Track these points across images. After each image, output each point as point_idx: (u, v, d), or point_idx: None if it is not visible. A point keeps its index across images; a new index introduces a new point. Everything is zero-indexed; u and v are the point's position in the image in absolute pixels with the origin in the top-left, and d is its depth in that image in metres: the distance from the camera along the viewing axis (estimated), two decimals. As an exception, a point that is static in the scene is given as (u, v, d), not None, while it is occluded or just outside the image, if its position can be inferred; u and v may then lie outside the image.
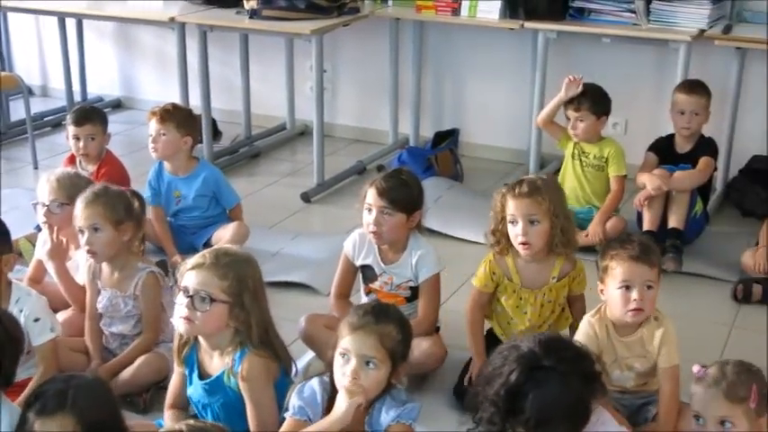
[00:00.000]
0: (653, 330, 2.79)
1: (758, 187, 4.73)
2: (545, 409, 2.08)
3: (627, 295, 2.72)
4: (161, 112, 4.07)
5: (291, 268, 3.97)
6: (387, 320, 2.34)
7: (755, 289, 3.86)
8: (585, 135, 4.27)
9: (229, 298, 2.55)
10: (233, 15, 5.02)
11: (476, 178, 5.26)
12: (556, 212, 3.05)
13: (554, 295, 3.16)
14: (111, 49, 6.57)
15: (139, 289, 3.13)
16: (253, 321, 2.58)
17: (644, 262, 2.71)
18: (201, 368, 2.69)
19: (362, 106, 5.95)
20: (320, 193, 5.00)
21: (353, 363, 2.30)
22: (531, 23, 4.79)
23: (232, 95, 5.91)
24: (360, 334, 2.31)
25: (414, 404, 2.37)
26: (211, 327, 2.58)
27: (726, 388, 2.19)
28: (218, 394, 2.65)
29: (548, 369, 2.11)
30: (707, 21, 4.57)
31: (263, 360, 2.58)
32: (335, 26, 4.89)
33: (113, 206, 3.12)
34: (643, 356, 2.83)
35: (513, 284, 3.17)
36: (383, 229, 3.13)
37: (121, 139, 5.71)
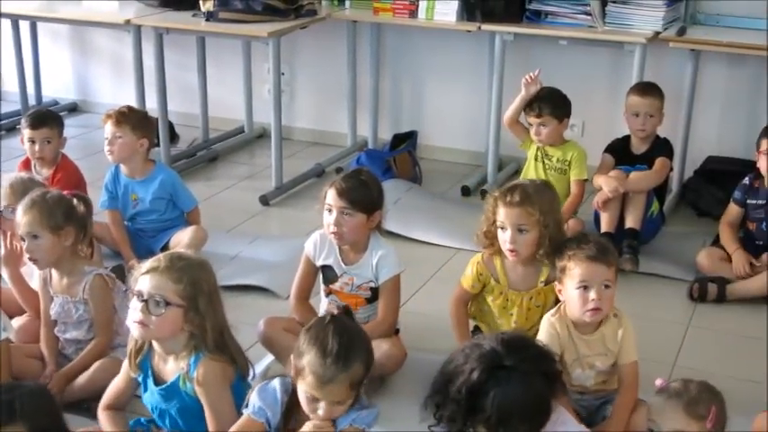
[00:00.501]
0: (614, 328, 2.82)
1: (713, 188, 4.78)
2: (506, 407, 2.09)
3: (585, 295, 2.74)
4: (116, 115, 4.03)
5: (250, 271, 3.95)
6: (353, 362, 2.33)
7: (711, 288, 3.89)
8: (549, 139, 4.29)
9: (184, 302, 2.53)
10: (189, 18, 4.99)
11: (434, 180, 5.27)
12: (545, 222, 3.06)
13: (542, 299, 3.17)
14: (67, 52, 6.50)
15: (87, 292, 3.10)
16: (208, 325, 2.56)
17: (601, 262, 2.73)
18: (156, 373, 2.66)
19: (321, 109, 5.94)
20: (279, 196, 4.98)
21: (324, 407, 2.33)
22: (488, 26, 4.81)
23: (189, 98, 5.87)
24: (330, 387, 2.32)
25: (371, 410, 2.38)
26: (166, 331, 2.56)
27: (686, 402, 2.20)
28: (174, 399, 2.63)
29: (509, 368, 2.13)
30: (662, 23, 4.61)
31: (219, 364, 2.57)
32: (293, 28, 4.88)
33: (50, 212, 3.08)
34: (604, 354, 2.85)
35: (500, 286, 3.20)
36: (344, 229, 3.13)
37: (77, 142, 5.65)
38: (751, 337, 3.63)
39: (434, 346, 3.21)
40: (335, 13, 5.21)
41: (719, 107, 5.04)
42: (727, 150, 5.02)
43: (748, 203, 4.01)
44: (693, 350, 3.53)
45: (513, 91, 4.47)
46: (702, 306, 3.87)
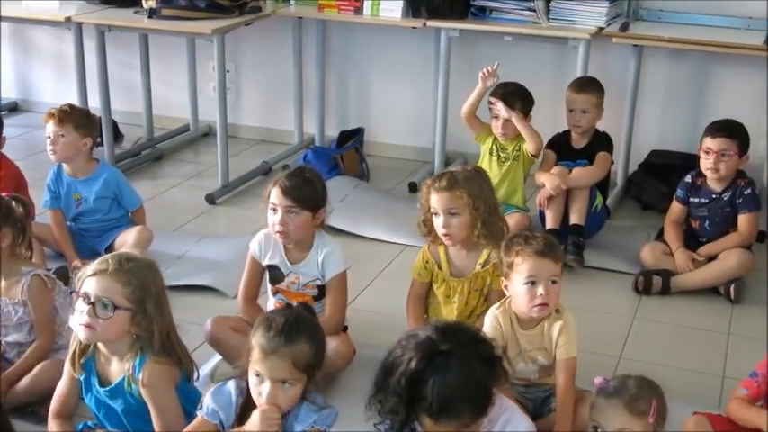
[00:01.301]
0: (553, 323, 2.83)
1: (657, 181, 4.84)
2: (446, 393, 2.09)
3: (533, 290, 2.75)
4: (59, 114, 3.97)
5: (197, 271, 3.92)
6: (298, 339, 2.31)
7: (655, 281, 3.94)
8: (512, 133, 4.31)
9: (132, 305, 2.51)
10: (131, 15, 4.93)
11: (381, 177, 5.28)
12: (476, 205, 3.09)
13: (480, 283, 3.19)
14: (7, 51, 6.37)
15: (26, 293, 3.05)
16: (155, 328, 2.54)
17: (549, 257, 2.75)
18: (101, 374, 2.63)
19: (267, 106, 5.92)
20: (225, 195, 4.95)
21: (268, 386, 2.29)
22: (433, 22, 4.81)
23: (133, 97, 5.81)
24: (273, 359, 2.28)
25: (331, 410, 2.37)
26: (113, 334, 2.53)
27: (627, 400, 2.21)
28: (119, 401, 2.60)
29: (446, 354, 2.12)
30: (605, 19, 4.65)
31: (164, 366, 2.55)
32: (237, 25, 4.85)
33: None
34: (545, 349, 2.86)
35: (443, 273, 3.22)
36: (289, 228, 3.12)
37: (18, 142, 5.58)
38: (695, 328, 3.69)
39: (383, 343, 3.11)
40: (280, 10, 5.18)
41: (662, 101, 5.10)
42: (669, 144, 5.08)
43: (691, 201, 4.06)
44: (639, 342, 3.57)
45: (459, 87, 4.49)
46: (647, 299, 3.92)
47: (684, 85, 5.05)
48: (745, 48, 4.48)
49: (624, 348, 3.51)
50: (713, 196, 4.01)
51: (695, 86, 5.03)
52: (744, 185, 3.98)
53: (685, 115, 5.06)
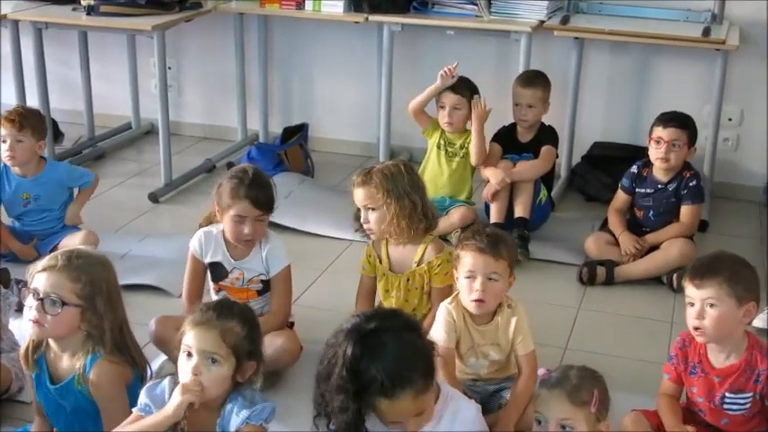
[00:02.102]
0: (507, 319, 2.84)
1: (600, 173, 4.89)
2: (393, 366, 2.13)
3: (471, 285, 2.77)
4: (19, 119, 3.92)
5: (141, 270, 3.88)
6: (229, 316, 2.29)
7: (599, 271, 3.98)
8: (459, 124, 4.33)
9: (81, 301, 2.48)
10: (69, 12, 4.85)
11: (327, 173, 5.27)
12: (388, 200, 3.12)
13: (419, 281, 3.20)
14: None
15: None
16: (106, 326, 2.52)
17: (489, 254, 2.75)
18: (52, 371, 2.60)
19: (210, 103, 5.87)
20: (168, 193, 4.91)
21: (195, 359, 2.25)
22: (375, 16, 4.81)
23: (73, 95, 5.74)
24: (201, 329, 2.26)
25: (266, 404, 2.32)
26: (62, 330, 2.51)
27: (569, 391, 2.22)
28: (69, 399, 2.56)
29: (376, 331, 2.16)
30: (546, 12, 4.69)
31: (116, 366, 2.52)
32: (178, 21, 4.80)
33: None
34: (497, 344, 2.87)
35: (382, 267, 3.24)
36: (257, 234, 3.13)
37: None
38: (639, 318, 3.74)
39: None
40: (221, 6, 5.14)
41: (604, 94, 5.15)
42: (612, 136, 5.14)
43: (636, 191, 4.11)
44: (584, 332, 3.61)
45: (402, 81, 4.49)
46: (592, 289, 3.96)
47: (625, 77, 5.10)
48: (684, 39, 4.54)
49: (570, 339, 3.54)
50: (659, 186, 4.06)
51: (636, 78, 5.08)
52: (690, 177, 4.03)
53: (627, 107, 5.12)
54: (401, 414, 2.19)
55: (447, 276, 3.14)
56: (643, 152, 4.17)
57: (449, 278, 3.13)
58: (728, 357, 2.63)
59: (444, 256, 3.17)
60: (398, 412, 2.18)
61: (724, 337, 2.60)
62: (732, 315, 2.56)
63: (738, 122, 5.00)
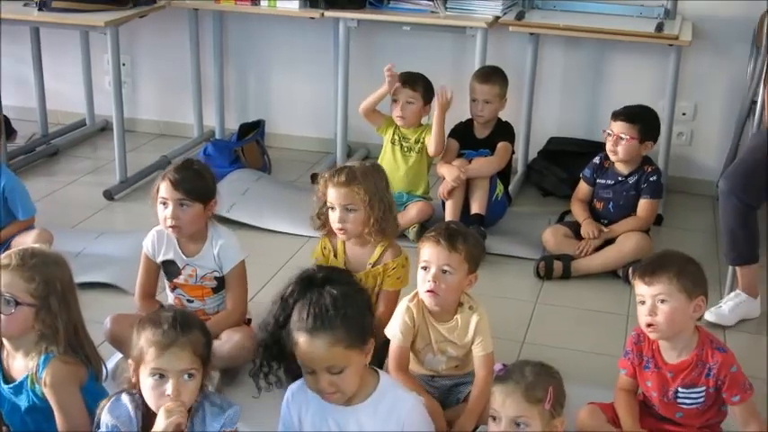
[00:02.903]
0: (467, 318, 2.84)
1: (556, 168, 4.92)
2: (322, 303, 2.29)
3: (425, 276, 2.78)
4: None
5: (96, 268, 3.85)
6: (192, 328, 2.28)
7: (556, 265, 4.01)
8: (412, 119, 4.34)
9: (35, 301, 2.46)
10: (20, 7, 4.79)
11: (284, 169, 5.26)
12: (371, 202, 3.10)
13: (372, 282, 3.18)
14: None
15: None
16: (60, 325, 2.49)
17: (443, 246, 2.75)
18: (5, 371, 2.58)
19: (165, 99, 5.84)
20: (124, 191, 4.87)
21: (172, 381, 2.22)
22: (331, 12, 4.81)
23: (26, 92, 5.67)
24: (173, 350, 2.22)
25: (234, 408, 2.32)
26: (15, 330, 2.49)
27: (524, 388, 2.22)
28: (23, 398, 2.54)
29: (323, 278, 2.45)
30: (501, 7, 4.71)
31: (69, 366, 2.50)
32: (131, 17, 4.75)
33: None
34: (454, 342, 2.87)
35: (337, 262, 3.22)
36: (182, 221, 3.10)
37: None
38: (595, 311, 3.77)
39: (287, 336, 3.20)
40: (175, 2, 5.10)
41: (559, 89, 5.19)
42: (568, 131, 5.17)
43: (597, 182, 4.15)
44: (541, 326, 3.63)
45: (359, 77, 4.49)
46: (549, 283, 3.99)
47: (581, 72, 5.14)
48: (637, 35, 4.58)
49: (527, 333, 3.56)
50: (619, 179, 4.10)
51: (591, 74, 5.12)
52: (650, 172, 4.08)
53: (582, 102, 5.16)
54: (314, 359, 2.25)
55: (398, 281, 3.15)
56: (598, 146, 4.21)
57: (399, 283, 3.15)
58: (680, 354, 2.66)
59: (400, 261, 3.16)
60: (312, 356, 2.25)
61: (676, 334, 2.63)
62: (683, 310, 2.59)
63: (692, 117, 5.05)
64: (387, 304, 3.13)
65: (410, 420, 2.29)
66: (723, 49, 4.87)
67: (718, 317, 3.61)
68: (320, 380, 2.26)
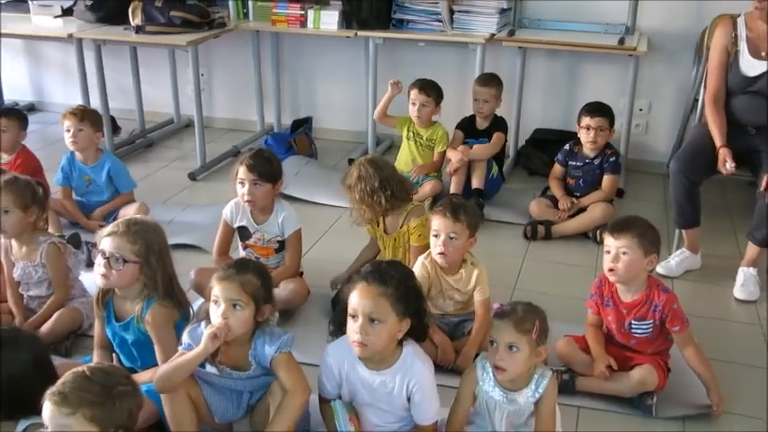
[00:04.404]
0: (470, 272, 2.87)
1: (540, 152, 4.90)
2: (379, 265, 2.22)
3: (436, 242, 2.80)
4: (79, 113, 3.90)
5: (183, 233, 3.88)
6: (246, 271, 2.28)
7: (540, 229, 4.01)
8: (426, 118, 4.30)
9: (138, 259, 2.49)
10: (122, 31, 4.81)
11: (327, 155, 5.26)
12: (382, 183, 3.09)
13: (402, 241, 3.19)
14: (23, 62, 6.22)
15: (44, 257, 3.01)
16: (158, 277, 2.53)
17: (449, 217, 2.77)
18: (117, 313, 2.62)
19: (234, 101, 5.84)
20: (203, 173, 4.89)
21: (223, 306, 2.24)
22: (362, 32, 4.79)
23: (127, 97, 5.70)
24: (225, 283, 2.25)
25: (287, 335, 2.32)
26: (124, 282, 2.53)
27: (515, 321, 2.22)
28: (130, 334, 2.59)
29: (384, 262, 2.32)
30: (496, 27, 4.67)
31: (166, 309, 2.53)
32: (207, 38, 4.76)
33: (21, 193, 2.97)
34: (459, 290, 2.90)
35: (378, 230, 3.25)
36: (255, 197, 3.12)
37: (36, 136, 5.43)
38: (570, 265, 3.77)
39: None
40: (241, 25, 5.10)
41: (542, 90, 5.15)
42: (549, 123, 5.15)
43: (569, 164, 4.13)
44: (528, 276, 3.64)
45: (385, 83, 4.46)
46: (534, 243, 3.99)
47: (559, 77, 5.10)
48: (604, 47, 4.54)
49: (517, 281, 3.58)
50: (586, 161, 4.08)
51: (567, 78, 5.09)
52: (610, 154, 4.06)
53: (560, 101, 5.13)
54: (362, 303, 2.14)
55: (420, 238, 3.15)
56: (573, 135, 4.19)
57: (422, 239, 3.15)
58: (633, 294, 2.67)
59: (420, 221, 3.16)
60: (362, 300, 2.14)
61: (631, 279, 2.64)
62: (639, 262, 2.60)
63: (647, 112, 5.01)
64: (415, 256, 3.15)
65: (421, 386, 2.24)
66: (672, 58, 4.82)
67: (668, 269, 3.61)
68: (359, 324, 2.14)
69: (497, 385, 2.28)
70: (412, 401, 2.26)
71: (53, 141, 5.15)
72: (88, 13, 5.07)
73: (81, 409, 1.79)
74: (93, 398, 1.80)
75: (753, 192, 3.47)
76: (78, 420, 1.78)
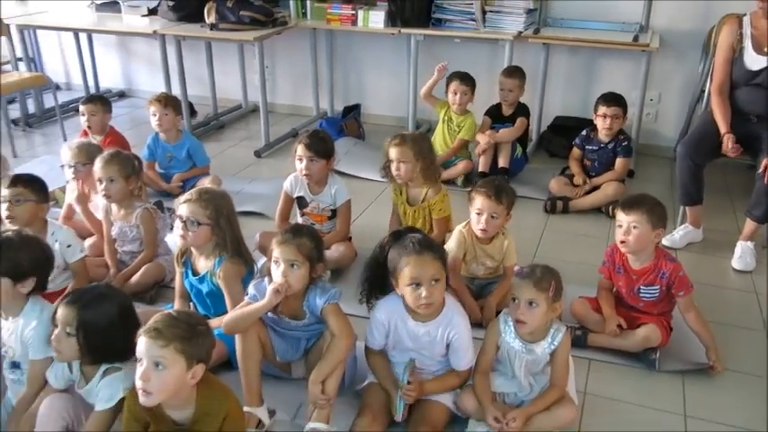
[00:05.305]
0: (501, 242, 2.86)
1: (560, 137, 4.82)
2: (419, 237, 2.21)
3: (479, 219, 2.77)
4: (163, 99, 3.97)
5: (249, 201, 3.92)
6: (301, 235, 2.28)
7: (559, 204, 3.96)
8: (462, 106, 4.26)
9: (210, 222, 2.52)
10: (198, 28, 4.83)
11: (373, 137, 5.22)
12: (416, 157, 3.09)
13: (423, 213, 3.19)
14: (116, 54, 6.30)
15: (138, 220, 3.07)
16: (227, 238, 2.55)
17: (493, 199, 2.75)
18: (193, 268, 2.66)
19: (294, 90, 5.84)
20: (267, 151, 4.92)
21: (282, 266, 2.26)
22: (405, 30, 4.74)
23: (203, 85, 5.74)
24: (283, 246, 2.26)
25: (335, 289, 2.34)
26: (199, 241, 2.56)
27: (535, 280, 2.20)
28: (204, 287, 2.63)
29: (407, 231, 2.31)
30: (523, 25, 4.59)
31: (235, 265, 2.56)
32: (271, 34, 4.76)
33: (124, 165, 3.04)
34: (492, 257, 2.89)
35: (402, 199, 3.23)
36: (312, 171, 3.12)
37: (125, 118, 5.54)
38: (585, 236, 3.72)
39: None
40: (301, 23, 5.09)
41: (563, 82, 5.06)
42: (568, 111, 5.06)
43: (586, 148, 4.05)
44: (548, 244, 3.61)
45: (424, 75, 4.43)
46: (553, 216, 3.94)
47: (578, 70, 5.00)
48: (619, 44, 4.42)
49: (537, 249, 3.55)
50: (601, 145, 4.00)
51: (586, 71, 4.98)
52: (623, 139, 3.98)
53: (579, 91, 5.03)
54: (424, 271, 2.12)
55: (441, 211, 3.14)
56: (590, 122, 4.11)
57: (442, 212, 3.15)
58: (642, 263, 2.63)
59: (439, 197, 3.15)
60: (423, 269, 2.12)
61: (640, 250, 2.60)
62: (647, 235, 2.55)
63: (657, 102, 4.89)
64: (438, 227, 3.15)
65: (459, 336, 2.25)
66: (681, 54, 4.69)
67: (672, 242, 3.55)
68: (424, 290, 2.12)
69: (517, 337, 2.27)
70: (451, 349, 2.27)
71: (139, 123, 5.23)
72: (170, 12, 5.11)
73: (173, 342, 1.82)
74: (181, 333, 1.84)
75: (751, 174, 3.38)
76: (170, 352, 1.82)
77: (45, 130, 5.44)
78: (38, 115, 5.65)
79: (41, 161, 4.60)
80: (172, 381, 1.83)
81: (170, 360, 1.82)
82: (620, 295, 2.73)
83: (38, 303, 2.19)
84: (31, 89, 5.48)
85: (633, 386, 2.55)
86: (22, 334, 2.16)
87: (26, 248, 2.16)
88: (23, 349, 2.16)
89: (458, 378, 2.31)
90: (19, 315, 2.17)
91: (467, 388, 2.32)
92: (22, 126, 5.45)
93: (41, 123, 5.57)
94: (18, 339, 2.16)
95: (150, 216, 3.09)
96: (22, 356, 2.17)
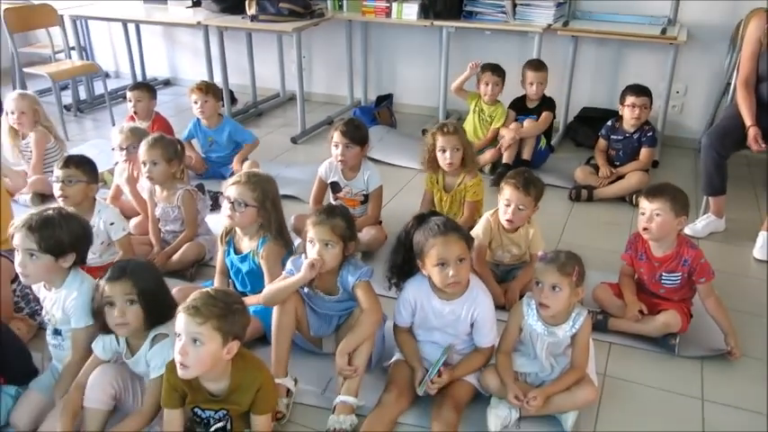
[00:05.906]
0: (527, 230, 2.84)
1: (586, 127, 4.75)
2: (443, 219, 2.21)
3: (506, 209, 2.76)
4: (204, 87, 3.99)
5: (286, 185, 3.89)
6: (334, 216, 2.30)
7: (583, 192, 3.92)
8: (493, 96, 4.22)
9: (257, 204, 2.54)
10: (240, 19, 4.85)
11: (404, 126, 5.21)
12: (464, 144, 3.09)
13: (458, 197, 3.18)
14: (162, 44, 6.36)
15: (180, 201, 3.11)
16: (272, 219, 2.57)
17: (521, 191, 2.73)
18: (236, 247, 2.68)
19: (329, 79, 5.84)
20: (303, 138, 4.93)
21: (318, 245, 2.28)
22: (438, 22, 4.69)
23: (243, 74, 5.76)
24: (318, 226, 2.28)
25: (368, 267, 2.35)
26: (245, 222, 2.58)
27: (559, 265, 2.19)
28: (245, 266, 2.65)
29: (430, 214, 2.29)
30: (552, 18, 4.52)
31: (276, 246, 2.58)
32: (309, 26, 4.76)
33: (167, 148, 3.08)
34: (518, 245, 2.87)
35: (438, 186, 3.23)
36: (347, 157, 3.13)
37: (170, 105, 5.60)
38: (608, 223, 3.67)
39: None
40: (337, 15, 5.07)
41: (591, 74, 4.98)
42: (595, 102, 4.98)
43: (611, 138, 3.99)
44: (572, 231, 3.57)
45: (455, 66, 4.39)
46: (578, 204, 3.90)
47: (606, 63, 4.91)
48: (647, 37, 4.33)
49: (562, 235, 3.51)
50: (626, 135, 3.94)
51: (613, 64, 4.89)
52: (648, 129, 3.91)
53: (606, 83, 4.94)
54: (451, 251, 2.12)
55: (475, 195, 3.14)
56: (615, 113, 4.05)
57: (476, 196, 3.14)
58: (665, 250, 2.60)
59: (476, 181, 3.14)
60: (449, 249, 2.12)
61: (663, 237, 2.56)
62: (670, 223, 2.51)
63: (683, 94, 4.79)
64: (469, 210, 3.14)
65: (483, 314, 2.25)
66: (708, 47, 4.58)
67: (694, 231, 3.48)
68: (452, 269, 2.12)
69: (540, 320, 2.25)
70: (474, 327, 2.27)
71: (183, 109, 5.27)
72: (213, 4, 5.13)
73: (210, 319, 1.85)
74: (218, 311, 1.86)
75: (775, 165, 3.30)
76: (207, 329, 1.84)
77: (95, 116, 5.53)
78: (88, 101, 5.74)
79: (92, 144, 4.68)
80: (208, 356, 1.86)
81: (207, 337, 1.84)
82: (642, 282, 2.69)
83: (78, 276, 2.23)
84: (83, 77, 5.57)
85: (652, 370, 2.52)
86: (64, 304, 2.21)
87: (66, 226, 2.19)
88: (65, 317, 2.22)
89: (482, 356, 2.31)
90: (61, 287, 2.21)
91: (490, 366, 2.32)
92: (73, 111, 5.55)
93: (92, 109, 5.66)
94: (60, 309, 2.22)
95: (191, 197, 3.12)
96: (63, 323, 2.23)
